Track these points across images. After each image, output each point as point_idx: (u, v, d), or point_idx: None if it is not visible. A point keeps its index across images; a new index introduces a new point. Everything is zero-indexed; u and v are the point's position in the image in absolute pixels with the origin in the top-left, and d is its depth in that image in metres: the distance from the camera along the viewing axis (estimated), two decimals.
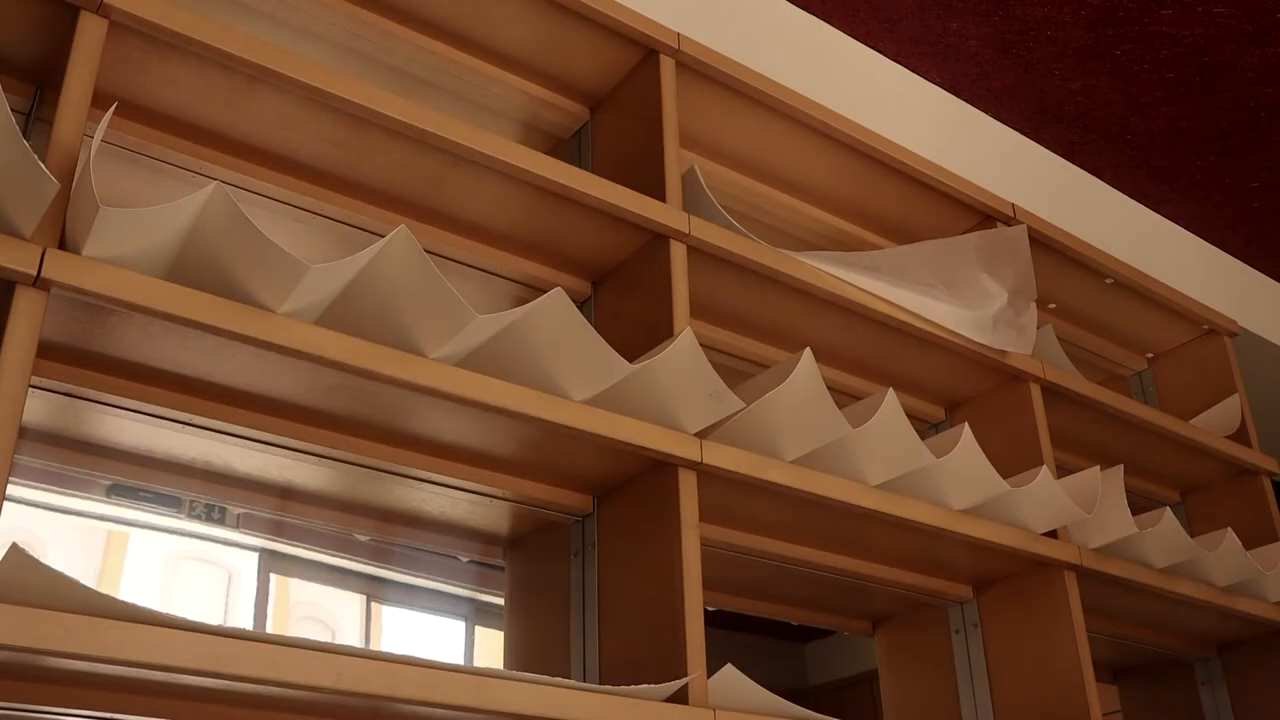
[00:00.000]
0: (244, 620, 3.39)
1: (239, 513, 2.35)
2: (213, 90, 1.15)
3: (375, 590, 3.74)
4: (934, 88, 2.40)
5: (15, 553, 0.79)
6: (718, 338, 1.60)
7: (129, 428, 1.15)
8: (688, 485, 1.26)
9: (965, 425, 1.50)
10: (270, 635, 0.91)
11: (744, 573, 1.60)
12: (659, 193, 1.39)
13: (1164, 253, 2.80)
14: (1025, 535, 1.59)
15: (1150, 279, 2.10)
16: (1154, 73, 2.36)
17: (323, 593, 3.65)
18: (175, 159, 1.21)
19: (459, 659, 3.73)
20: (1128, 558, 1.72)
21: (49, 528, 3.11)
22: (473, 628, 3.86)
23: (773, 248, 1.48)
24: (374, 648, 2.33)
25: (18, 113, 1.13)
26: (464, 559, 1.65)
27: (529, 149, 1.29)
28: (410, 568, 3.55)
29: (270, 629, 3.47)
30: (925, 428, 1.88)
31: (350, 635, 3.66)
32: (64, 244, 0.95)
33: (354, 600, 3.72)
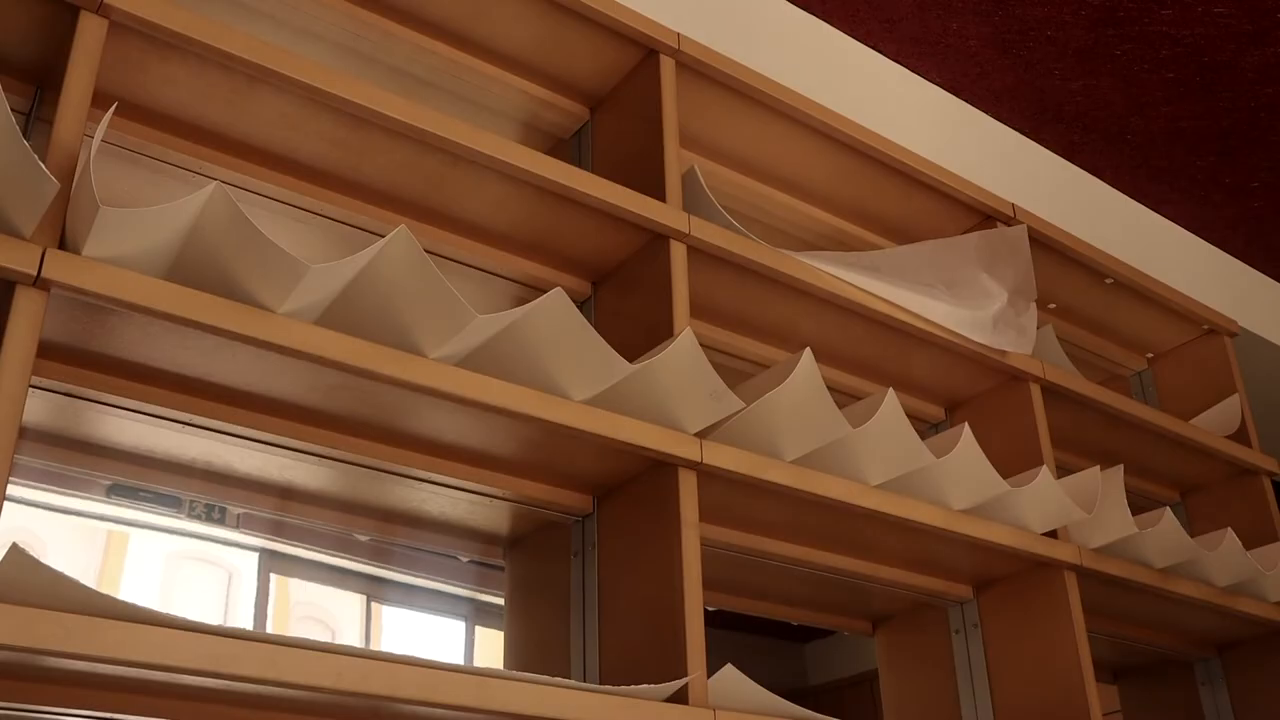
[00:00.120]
0: (244, 620, 3.39)
1: (239, 513, 2.35)
2: (213, 90, 1.15)
3: (375, 590, 3.74)
4: (934, 88, 2.40)
5: (15, 553, 0.79)
6: (718, 338, 1.60)
7: (129, 428, 1.15)
8: (688, 485, 1.26)
9: (965, 425, 1.50)
10: (270, 635, 0.91)
11: (744, 573, 1.60)
12: (659, 193, 1.39)
13: (1164, 253, 2.80)
14: (1025, 535, 1.59)
15: (1150, 279, 2.10)
16: (1154, 73, 2.36)
17: (323, 593, 3.65)
18: (175, 159, 1.21)
19: (459, 659, 3.73)
20: (1128, 558, 1.72)
21: (49, 528, 3.11)
22: (473, 628, 3.86)
23: (773, 248, 1.48)
24: (374, 648, 2.33)
25: (18, 113, 1.13)
26: (464, 559, 1.65)
27: (529, 149, 1.29)
28: (410, 568, 3.55)
29: (270, 629, 3.47)
30: (925, 428, 1.88)
31: (350, 635, 3.66)
32: (64, 244, 0.95)
33: (354, 600, 3.72)
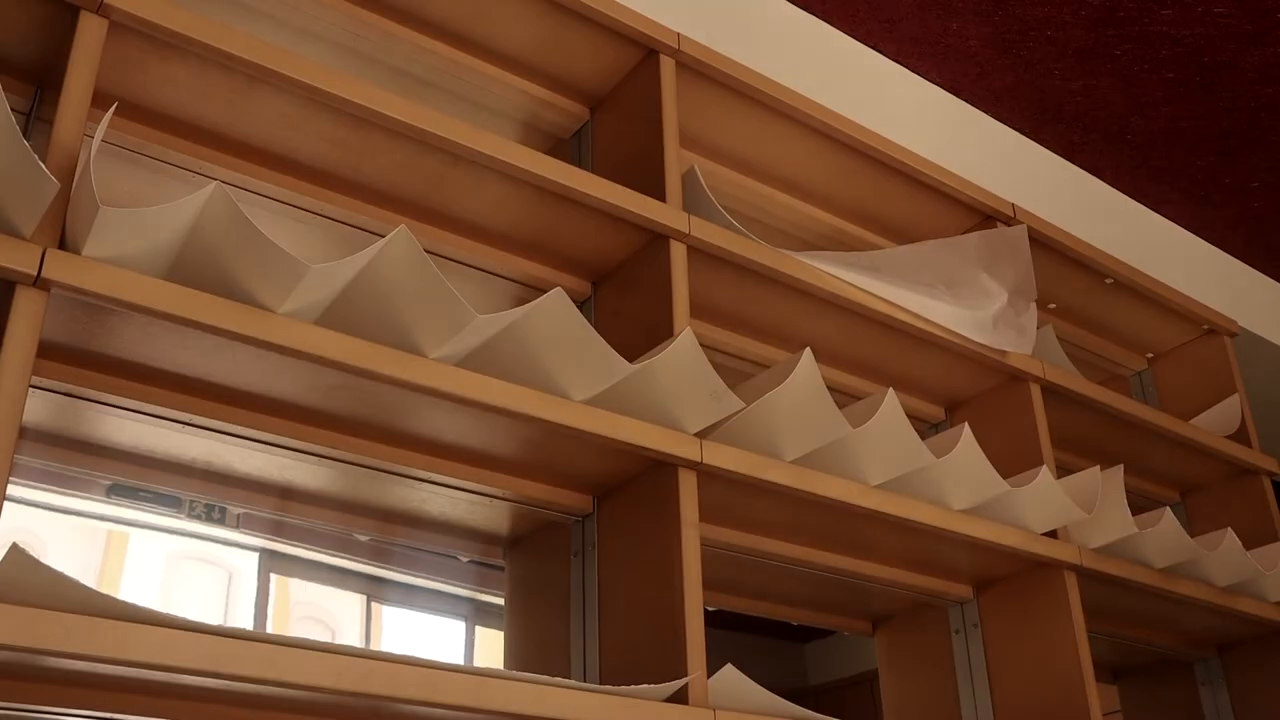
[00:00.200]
0: (244, 620, 3.39)
1: (239, 513, 2.34)
2: (213, 90, 1.15)
3: (375, 590, 3.74)
4: (934, 88, 2.40)
5: (15, 553, 0.78)
6: (718, 338, 1.60)
7: (129, 428, 1.15)
8: (688, 485, 1.26)
9: (965, 425, 1.50)
10: (270, 635, 0.91)
11: (744, 573, 1.60)
12: (659, 193, 1.39)
13: (1164, 253, 2.80)
14: (1025, 535, 1.59)
15: (1150, 279, 2.10)
16: (1154, 73, 2.36)
17: (323, 593, 3.65)
18: (175, 159, 1.21)
19: (459, 659, 3.73)
20: (1128, 558, 1.72)
21: (49, 528, 3.11)
22: (473, 628, 3.86)
23: (773, 248, 1.48)
24: (374, 648, 2.33)
25: (18, 113, 1.13)
26: (464, 559, 1.65)
27: (529, 149, 1.29)
28: (410, 568, 3.55)
29: (270, 629, 3.47)
30: (925, 428, 1.88)
31: (350, 635, 3.66)
32: (64, 244, 0.95)
33: (354, 600, 3.72)
